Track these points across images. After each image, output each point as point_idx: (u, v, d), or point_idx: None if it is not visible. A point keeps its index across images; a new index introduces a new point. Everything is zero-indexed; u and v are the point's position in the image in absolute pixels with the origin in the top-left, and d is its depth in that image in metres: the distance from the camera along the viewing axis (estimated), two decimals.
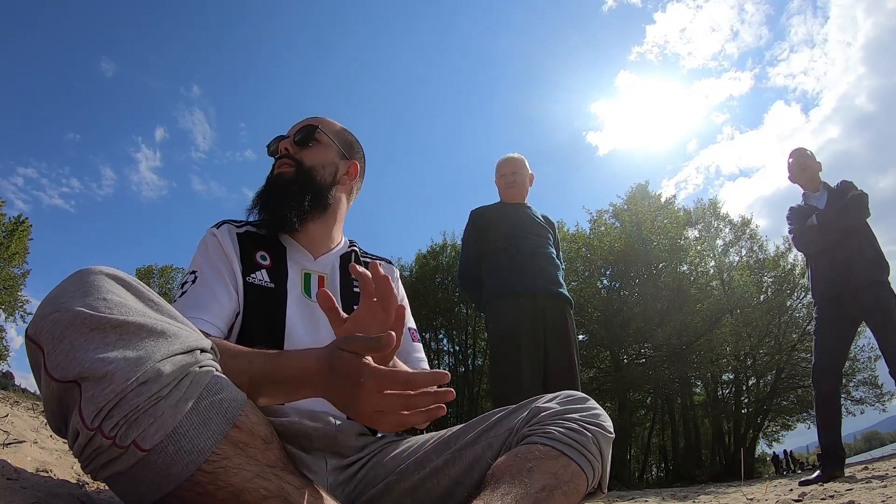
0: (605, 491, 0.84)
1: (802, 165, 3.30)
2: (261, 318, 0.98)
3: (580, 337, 19.07)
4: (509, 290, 2.42)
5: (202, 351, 0.62)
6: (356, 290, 1.13)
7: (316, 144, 1.14)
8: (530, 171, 2.75)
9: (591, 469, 0.78)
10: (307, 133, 1.13)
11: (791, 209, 3.31)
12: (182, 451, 0.54)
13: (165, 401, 0.54)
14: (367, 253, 1.25)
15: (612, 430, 0.84)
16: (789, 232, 3.31)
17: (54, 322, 0.57)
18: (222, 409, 0.58)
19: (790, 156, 3.38)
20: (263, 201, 1.08)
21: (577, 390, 2.40)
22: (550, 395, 0.90)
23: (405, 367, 0.96)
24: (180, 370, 0.57)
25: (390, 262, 1.27)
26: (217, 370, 0.63)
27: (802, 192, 3.34)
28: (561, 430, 0.79)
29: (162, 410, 0.54)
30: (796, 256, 19.00)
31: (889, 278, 3.01)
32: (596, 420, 0.82)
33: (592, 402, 0.87)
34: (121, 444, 0.53)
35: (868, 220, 3.12)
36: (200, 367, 0.60)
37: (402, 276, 1.31)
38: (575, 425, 0.80)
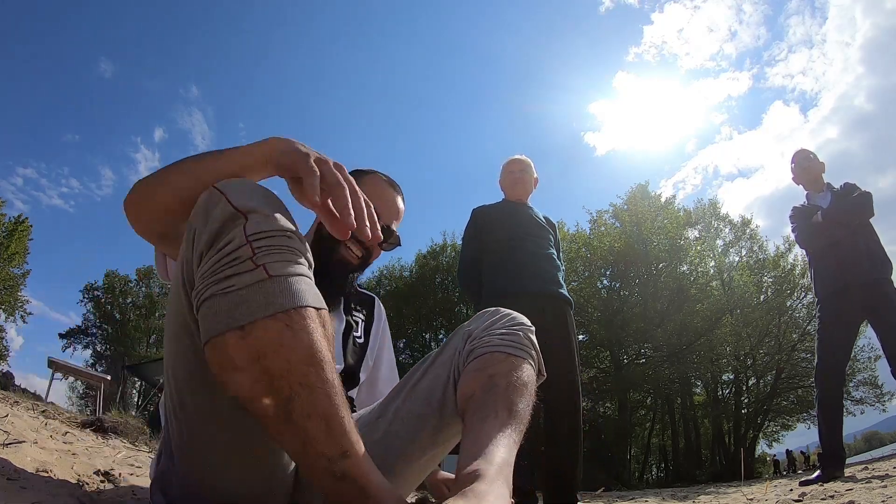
0: (545, 374, 0.98)
1: (806, 167, 3.32)
2: None
3: (580, 337, 19.07)
4: (509, 291, 2.42)
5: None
6: (358, 339, 1.23)
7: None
8: (535, 175, 2.77)
9: (532, 360, 0.92)
10: (395, 246, 1.20)
11: (794, 208, 3.33)
12: (289, 291, 0.66)
13: (294, 255, 0.69)
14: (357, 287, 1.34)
15: (531, 323, 0.98)
16: (792, 230, 3.32)
17: (241, 181, 0.73)
18: (318, 295, 0.72)
19: (793, 157, 3.39)
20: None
21: (578, 390, 2.39)
22: (470, 320, 1.02)
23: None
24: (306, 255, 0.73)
25: (376, 298, 1.38)
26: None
27: (806, 192, 3.35)
28: (496, 336, 0.92)
29: (291, 259, 0.68)
30: (796, 256, 19.04)
31: (892, 276, 3.01)
32: (517, 320, 0.97)
33: (504, 310, 1.00)
34: (257, 261, 0.65)
35: (870, 220, 3.12)
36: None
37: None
38: (504, 329, 0.93)
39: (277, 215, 0.70)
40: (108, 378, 11.24)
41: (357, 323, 1.25)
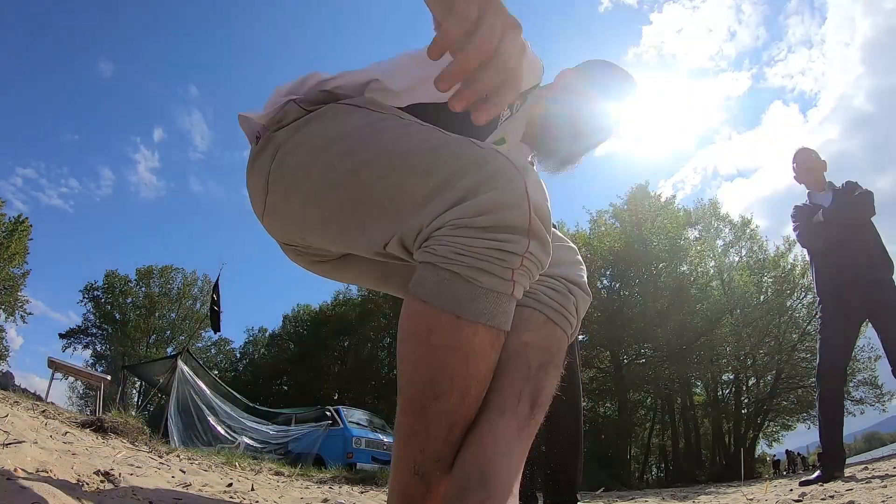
0: (573, 338, 0.88)
1: (808, 166, 3.30)
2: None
3: (580, 337, 19.02)
4: None
5: None
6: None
7: None
8: None
9: (570, 329, 0.85)
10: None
11: (796, 207, 3.31)
12: (510, 313, 0.68)
13: (528, 284, 0.71)
14: None
15: (589, 291, 0.89)
16: (794, 229, 3.30)
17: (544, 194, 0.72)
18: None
19: (795, 156, 3.37)
20: None
21: (578, 390, 2.38)
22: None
23: None
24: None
25: None
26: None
27: (807, 191, 3.33)
28: (545, 291, 0.83)
29: (525, 287, 0.70)
30: (796, 256, 19.03)
31: (893, 276, 3.01)
32: (579, 279, 0.87)
33: (576, 257, 0.91)
34: (515, 277, 0.67)
35: (872, 219, 3.12)
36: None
37: None
38: (560, 285, 0.84)
39: (548, 248, 0.69)
40: (108, 378, 11.24)
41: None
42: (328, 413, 10.11)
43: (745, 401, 19.72)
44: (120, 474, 1.46)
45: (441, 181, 0.69)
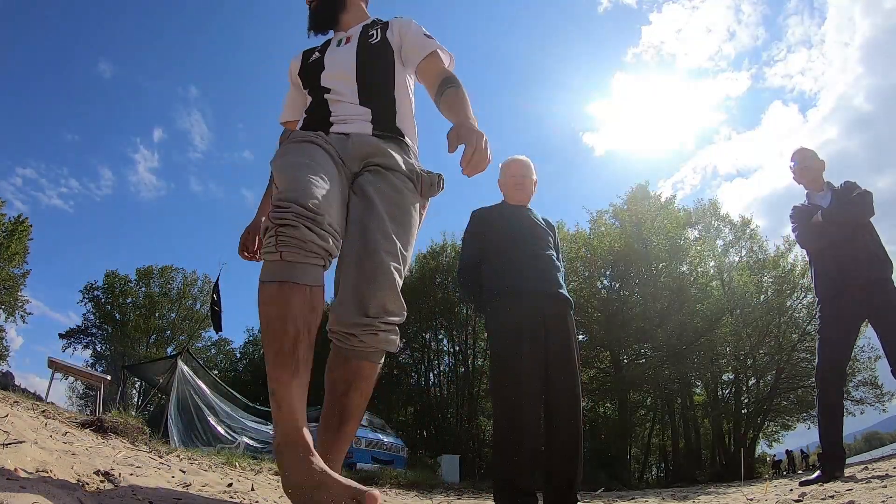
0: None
1: (806, 166, 3.30)
2: (314, 65, 1.64)
3: (580, 337, 19.05)
4: (510, 291, 2.42)
5: None
6: (372, 41, 1.62)
7: None
8: (535, 177, 2.75)
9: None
10: None
11: (794, 208, 3.31)
12: (287, 270, 1.20)
13: (303, 252, 1.21)
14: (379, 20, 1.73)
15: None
16: (793, 230, 3.30)
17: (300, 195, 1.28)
18: (316, 278, 1.26)
19: (793, 156, 3.37)
20: (313, 22, 1.73)
21: (578, 390, 2.39)
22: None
23: None
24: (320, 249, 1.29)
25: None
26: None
27: (806, 191, 3.33)
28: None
29: (299, 253, 1.21)
30: (796, 256, 19.02)
31: (893, 276, 3.01)
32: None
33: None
34: (278, 248, 1.18)
35: (871, 219, 3.12)
36: None
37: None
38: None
39: (302, 228, 1.16)
40: (108, 378, 11.24)
41: (373, 35, 1.65)
42: None
43: (745, 401, 19.71)
44: (120, 474, 1.46)
45: None
